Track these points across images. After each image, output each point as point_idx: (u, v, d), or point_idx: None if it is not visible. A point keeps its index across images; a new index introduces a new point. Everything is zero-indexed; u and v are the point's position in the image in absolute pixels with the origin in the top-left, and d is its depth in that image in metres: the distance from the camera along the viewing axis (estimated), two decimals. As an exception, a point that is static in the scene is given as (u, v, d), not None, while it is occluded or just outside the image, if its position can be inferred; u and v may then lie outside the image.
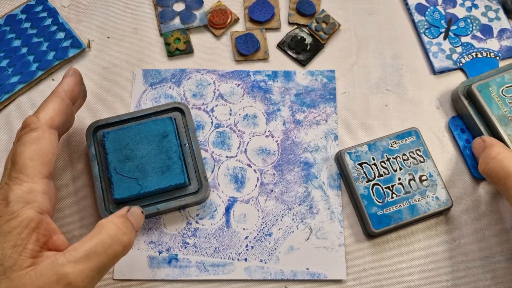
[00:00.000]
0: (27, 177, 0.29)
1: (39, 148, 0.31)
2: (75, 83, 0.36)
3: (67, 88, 0.35)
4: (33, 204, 0.29)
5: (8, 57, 0.44)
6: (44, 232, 0.29)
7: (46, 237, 0.29)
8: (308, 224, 0.40)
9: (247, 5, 0.47)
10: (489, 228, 0.40)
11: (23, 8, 0.46)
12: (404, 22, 0.48)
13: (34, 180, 0.29)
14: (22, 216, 0.28)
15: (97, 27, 0.46)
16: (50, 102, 0.34)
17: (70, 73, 0.36)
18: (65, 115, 0.34)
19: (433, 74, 0.46)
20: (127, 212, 0.32)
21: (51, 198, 0.30)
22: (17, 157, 0.30)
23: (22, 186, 0.29)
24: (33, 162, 0.30)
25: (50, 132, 0.32)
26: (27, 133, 0.31)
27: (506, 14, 0.48)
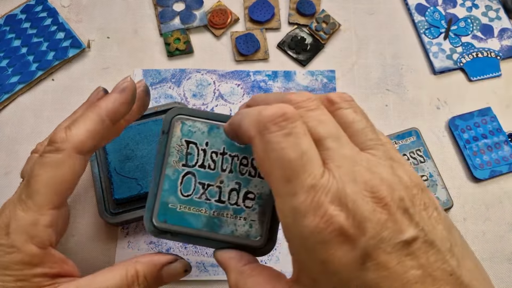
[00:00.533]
0: (35, 206, 0.27)
1: (58, 175, 0.27)
2: (122, 102, 0.29)
3: (112, 107, 0.29)
4: (36, 239, 0.26)
5: (8, 57, 0.44)
6: (51, 265, 0.27)
7: (56, 269, 0.27)
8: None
9: (247, 5, 0.47)
10: (490, 229, 0.40)
11: (23, 8, 0.46)
12: (404, 22, 0.48)
13: (41, 210, 0.27)
14: (24, 252, 0.26)
15: (97, 27, 0.46)
16: (87, 119, 0.28)
17: (121, 87, 0.29)
18: (100, 139, 0.29)
19: (434, 74, 0.46)
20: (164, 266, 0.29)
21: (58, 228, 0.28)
22: (32, 179, 0.27)
23: (27, 215, 0.26)
24: (46, 190, 0.27)
25: (76, 158, 0.27)
26: (51, 152, 0.27)
27: (507, 14, 0.48)
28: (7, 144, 0.42)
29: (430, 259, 0.20)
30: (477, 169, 0.41)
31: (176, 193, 0.29)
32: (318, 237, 0.20)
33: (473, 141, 0.42)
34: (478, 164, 0.42)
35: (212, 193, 0.29)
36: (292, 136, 0.21)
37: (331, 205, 0.20)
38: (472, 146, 0.42)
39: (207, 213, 0.29)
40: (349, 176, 0.21)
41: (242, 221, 0.29)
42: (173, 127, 0.29)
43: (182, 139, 0.29)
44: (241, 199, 0.29)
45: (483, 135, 0.43)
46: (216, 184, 0.29)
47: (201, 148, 0.29)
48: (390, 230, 0.20)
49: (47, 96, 0.44)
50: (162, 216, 0.28)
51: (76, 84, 0.44)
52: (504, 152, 0.42)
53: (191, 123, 0.29)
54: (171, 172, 0.29)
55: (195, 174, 0.29)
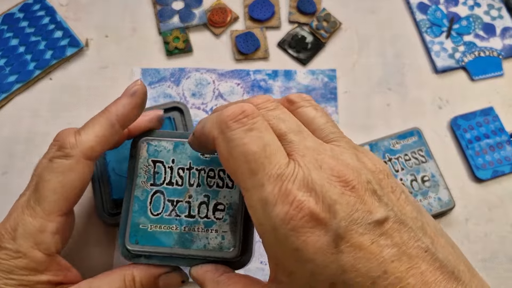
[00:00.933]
0: (43, 212, 0.26)
1: (66, 180, 0.27)
2: (133, 106, 0.28)
3: (122, 111, 0.28)
4: (42, 246, 0.26)
5: (6, 56, 0.44)
6: (56, 272, 0.27)
7: (60, 277, 0.27)
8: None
9: (247, 3, 0.47)
10: (492, 229, 0.40)
11: (21, 7, 0.46)
12: (406, 21, 0.47)
13: (50, 217, 0.27)
14: (29, 258, 0.26)
15: (96, 25, 0.46)
16: (96, 124, 0.28)
17: (131, 91, 0.29)
18: (109, 145, 0.29)
19: (435, 73, 0.45)
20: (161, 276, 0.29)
21: (64, 234, 0.28)
22: (41, 185, 0.27)
23: (35, 221, 0.26)
24: (55, 196, 0.27)
25: (85, 164, 0.27)
26: (60, 158, 0.27)
27: (509, 13, 0.48)
28: (5, 144, 0.41)
29: (403, 237, 0.20)
30: (479, 169, 0.41)
31: (146, 213, 0.29)
32: (290, 225, 0.20)
33: (475, 141, 0.42)
34: (480, 164, 0.41)
35: (182, 209, 0.29)
36: (254, 131, 0.22)
37: (299, 191, 0.20)
38: (474, 146, 0.42)
39: (178, 230, 0.28)
40: (315, 164, 0.21)
41: (214, 234, 0.28)
42: (139, 149, 0.30)
43: (149, 159, 0.29)
44: (211, 212, 0.29)
45: (485, 134, 0.42)
46: (185, 200, 0.29)
47: (167, 166, 0.29)
48: (360, 211, 0.20)
49: (45, 95, 0.43)
50: (133, 238, 0.28)
51: (74, 83, 0.44)
52: (506, 152, 0.42)
53: (156, 142, 0.30)
54: (140, 193, 0.29)
55: (164, 192, 0.29)
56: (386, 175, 0.22)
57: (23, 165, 0.41)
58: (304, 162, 0.21)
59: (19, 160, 0.41)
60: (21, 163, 0.41)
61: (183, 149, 0.30)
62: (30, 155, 0.41)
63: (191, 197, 0.29)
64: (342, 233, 0.19)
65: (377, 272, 0.19)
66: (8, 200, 0.39)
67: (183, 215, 0.29)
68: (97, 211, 0.37)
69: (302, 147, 0.22)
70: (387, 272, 0.19)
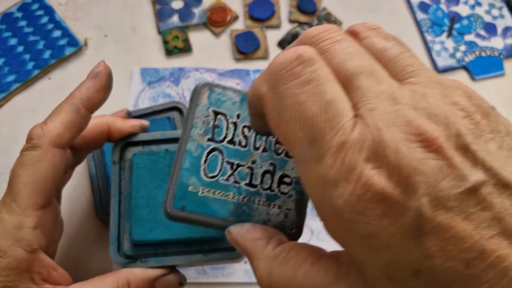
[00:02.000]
0: (19, 208, 0.25)
1: (37, 172, 0.26)
2: (97, 89, 0.27)
3: (86, 95, 0.27)
4: (22, 242, 0.25)
5: (4, 56, 0.43)
6: (38, 270, 0.26)
7: (43, 275, 0.26)
8: (309, 226, 0.39)
9: (247, 2, 0.46)
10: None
11: (20, 6, 0.46)
12: (407, 20, 0.47)
13: (25, 212, 0.25)
14: (10, 257, 0.25)
15: (95, 25, 0.46)
16: (61, 111, 0.27)
17: (94, 73, 0.28)
18: (78, 130, 0.27)
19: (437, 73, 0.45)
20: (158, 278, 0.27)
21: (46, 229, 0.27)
22: (13, 181, 0.26)
23: (12, 218, 0.25)
24: (27, 190, 0.26)
25: (54, 152, 0.26)
26: (28, 150, 0.26)
27: (511, 12, 0.47)
28: (3, 144, 0.41)
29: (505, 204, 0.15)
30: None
31: (198, 174, 0.23)
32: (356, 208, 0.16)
33: (476, 141, 0.42)
34: (481, 164, 0.41)
35: (242, 175, 0.24)
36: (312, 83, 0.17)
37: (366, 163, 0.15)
38: (475, 146, 0.41)
39: (235, 199, 0.24)
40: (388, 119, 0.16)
41: (277, 210, 0.24)
42: (199, 94, 0.24)
43: (209, 108, 0.24)
44: (275, 184, 0.24)
45: (486, 135, 0.42)
46: (247, 165, 0.24)
47: (231, 120, 0.24)
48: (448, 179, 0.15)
49: (43, 95, 0.43)
50: (179, 202, 0.23)
51: (73, 83, 0.43)
52: (508, 152, 0.41)
53: (220, 90, 0.25)
54: (194, 148, 0.24)
55: (223, 151, 0.24)
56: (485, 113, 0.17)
57: (21, 165, 0.40)
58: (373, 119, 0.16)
59: (18, 160, 0.41)
60: (19, 163, 0.41)
61: None
62: (28, 155, 0.41)
63: (255, 163, 0.24)
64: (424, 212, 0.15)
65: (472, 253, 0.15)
66: (6, 200, 0.39)
67: (243, 183, 0.24)
68: (96, 211, 0.37)
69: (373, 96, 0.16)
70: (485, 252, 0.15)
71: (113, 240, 0.29)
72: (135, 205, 0.29)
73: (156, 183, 0.29)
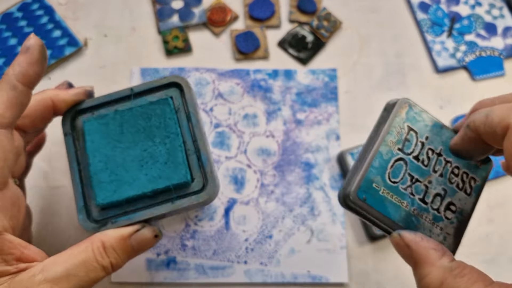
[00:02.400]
0: None
1: None
2: (29, 62, 0.26)
3: (20, 70, 0.26)
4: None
5: (4, 56, 0.43)
6: (9, 251, 0.25)
7: (15, 255, 0.26)
8: (309, 226, 0.39)
9: (247, 2, 0.46)
10: (493, 230, 0.40)
11: (20, 6, 0.46)
12: (407, 20, 0.47)
13: None
14: None
15: (94, 25, 0.46)
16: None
17: (25, 47, 0.27)
18: (20, 107, 0.26)
19: (437, 73, 0.45)
20: (132, 235, 0.27)
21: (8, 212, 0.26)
22: None
23: None
24: None
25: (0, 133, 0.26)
26: None
27: (511, 12, 0.47)
28: (3, 144, 0.41)
29: None
30: (481, 170, 0.41)
31: (383, 175, 0.27)
32: None
33: (477, 141, 0.42)
34: (482, 164, 0.41)
35: (418, 190, 0.27)
36: None
37: None
38: (476, 146, 0.41)
39: (408, 208, 0.26)
40: None
41: (438, 230, 0.27)
42: (399, 107, 0.28)
43: (405, 123, 0.28)
44: (443, 207, 0.27)
45: (487, 135, 0.42)
46: (424, 182, 0.27)
47: (420, 140, 0.28)
48: None
49: (43, 95, 0.43)
50: (362, 193, 0.26)
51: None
52: (508, 152, 0.41)
53: (418, 110, 0.28)
54: (385, 151, 0.27)
55: (407, 163, 0.27)
56: None
57: (21, 166, 0.40)
58: None
59: (18, 160, 0.41)
60: (19, 163, 0.41)
61: (440, 132, 0.28)
62: (28, 155, 0.41)
63: (430, 183, 0.27)
64: None
65: None
66: (6, 200, 0.39)
67: (417, 197, 0.27)
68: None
69: None
70: None
71: (80, 208, 0.29)
72: (94, 170, 0.30)
73: (111, 144, 0.30)
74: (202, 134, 0.30)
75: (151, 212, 0.29)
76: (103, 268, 0.26)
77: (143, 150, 0.30)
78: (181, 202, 0.29)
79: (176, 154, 0.30)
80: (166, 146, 0.30)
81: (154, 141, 0.30)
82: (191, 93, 0.32)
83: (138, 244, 0.28)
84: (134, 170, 0.30)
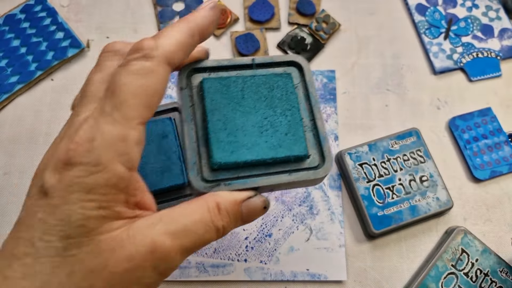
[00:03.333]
0: (123, 119, 0.22)
1: (148, 84, 0.23)
2: (211, 20, 0.26)
3: (203, 23, 0.26)
4: (125, 157, 0.22)
5: (7, 57, 0.44)
6: (134, 192, 0.23)
7: (137, 198, 0.24)
8: (308, 224, 0.40)
9: (246, 4, 0.47)
10: (490, 229, 0.40)
11: (22, 8, 0.46)
12: (405, 22, 0.48)
13: (131, 124, 0.23)
14: (110, 172, 0.22)
15: (97, 26, 0.46)
16: (177, 31, 0.25)
17: (211, 5, 0.27)
18: (188, 54, 0.26)
19: (434, 74, 0.45)
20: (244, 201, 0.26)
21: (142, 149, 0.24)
22: (118, 89, 0.23)
23: (115, 129, 0.22)
24: (136, 101, 0.23)
25: (166, 69, 0.24)
26: (138, 60, 0.24)
27: (507, 14, 0.48)
28: (6, 144, 0.42)
29: None
30: (477, 170, 0.41)
31: (437, 283, 0.36)
32: None
33: (473, 142, 0.42)
34: (478, 164, 0.41)
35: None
36: None
37: None
38: (472, 146, 0.42)
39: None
40: None
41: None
42: (456, 234, 0.38)
43: (460, 246, 0.37)
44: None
45: (483, 135, 0.42)
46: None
47: (471, 260, 0.37)
48: None
49: (46, 96, 0.43)
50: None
51: (75, 84, 0.44)
52: (504, 153, 0.42)
53: (471, 238, 0.38)
54: (441, 265, 0.36)
55: (458, 277, 0.36)
56: None
57: (24, 166, 0.41)
58: None
59: (20, 161, 0.41)
60: (22, 164, 0.41)
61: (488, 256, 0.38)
62: (31, 155, 0.41)
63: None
64: None
65: None
66: (9, 200, 0.39)
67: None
68: None
69: None
70: None
71: (191, 165, 0.27)
72: (213, 128, 0.28)
73: (231, 106, 0.29)
74: (320, 114, 0.30)
75: (266, 180, 0.27)
76: (217, 230, 0.25)
77: (263, 117, 0.29)
78: (298, 175, 0.28)
79: (297, 128, 0.29)
80: (287, 118, 0.29)
81: (275, 111, 0.29)
82: (311, 74, 0.32)
83: (247, 212, 0.26)
84: (253, 136, 0.28)
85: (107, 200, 0.22)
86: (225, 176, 0.28)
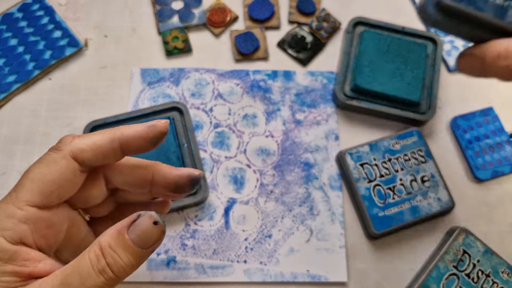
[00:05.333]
0: (16, 199, 0.26)
1: (46, 172, 0.26)
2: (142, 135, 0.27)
3: (128, 134, 0.27)
4: (6, 232, 0.25)
5: (5, 56, 0.44)
6: (23, 263, 0.25)
7: (28, 268, 0.25)
8: (309, 225, 0.39)
9: (246, 3, 0.47)
10: (491, 229, 0.40)
11: (20, 7, 0.46)
12: (410, 20, 0.47)
13: (19, 205, 0.26)
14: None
15: (95, 25, 0.46)
16: (99, 134, 0.27)
17: (152, 123, 0.28)
18: (102, 157, 0.27)
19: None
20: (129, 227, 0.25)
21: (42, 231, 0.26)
22: (24, 174, 0.27)
23: (6, 207, 0.26)
24: (31, 185, 0.26)
25: (70, 162, 0.26)
26: (51, 150, 0.27)
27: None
28: (4, 144, 0.41)
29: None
30: (479, 170, 0.41)
31: (438, 284, 0.36)
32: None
33: (475, 141, 0.42)
34: (480, 164, 0.41)
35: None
36: None
37: None
38: (474, 146, 0.42)
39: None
40: None
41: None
42: (458, 234, 0.37)
43: (461, 247, 0.37)
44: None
45: (485, 135, 0.42)
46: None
47: (472, 261, 0.37)
48: None
49: (44, 95, 0.43)
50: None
51: (73, 84, 0.44)
52: (506, 153, 0.42)
53: (473, 239, 0.37)
54: (442, 266, 0.36)
55: (460, 278, 0.36)
56: None
57: (22, 165, 0.41)
58: None
59: (18, 160, 0.41)
60: (20, 163, 0.41)
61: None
62: (29, 155, 0.41)
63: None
64: None
65: None
66: (7, 200, 0.39)
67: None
68: None
69: None
70: None
71: (339, 81, 0.42)
72: (360, 63, 0.42)
73: (377, 53, 0.42)
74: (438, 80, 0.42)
75: (386, 109, 0.41)
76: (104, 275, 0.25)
77: (396, 68, 0.41)
78: (407, 113, 0.41)
79: (418, 82, 0.41)
80: (413, 74, 0.41)
81: (406, 66, 0.41)
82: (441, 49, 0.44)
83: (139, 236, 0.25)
84: (386, 77, 0.41)
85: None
86: (358, 96, 0.41)
